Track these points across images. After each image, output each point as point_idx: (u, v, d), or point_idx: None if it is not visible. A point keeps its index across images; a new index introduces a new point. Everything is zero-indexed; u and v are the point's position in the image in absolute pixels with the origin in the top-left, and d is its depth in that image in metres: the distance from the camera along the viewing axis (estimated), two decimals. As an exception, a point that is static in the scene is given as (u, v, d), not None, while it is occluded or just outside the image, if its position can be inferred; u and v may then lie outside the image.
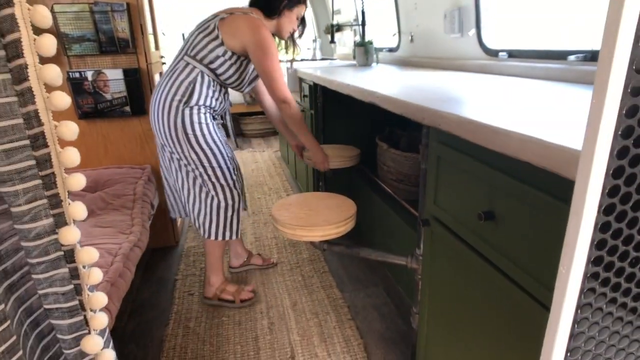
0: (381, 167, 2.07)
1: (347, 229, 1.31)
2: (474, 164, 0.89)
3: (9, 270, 0.48)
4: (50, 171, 0.41)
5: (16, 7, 0.35)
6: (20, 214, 0.42)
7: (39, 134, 0.40)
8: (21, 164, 0.40)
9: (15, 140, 0.39)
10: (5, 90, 0.38)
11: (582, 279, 0.50)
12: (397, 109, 1.18)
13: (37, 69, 0.38)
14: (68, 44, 1.93)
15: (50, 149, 0.41)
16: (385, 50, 2.94)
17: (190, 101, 1.65)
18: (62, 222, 0.43)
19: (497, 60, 1.83)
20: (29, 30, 0.37)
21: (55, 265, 0.45)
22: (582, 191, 0.46)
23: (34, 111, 0.39)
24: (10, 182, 0.41)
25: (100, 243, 1.55)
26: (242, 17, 1.67)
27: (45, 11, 0.37)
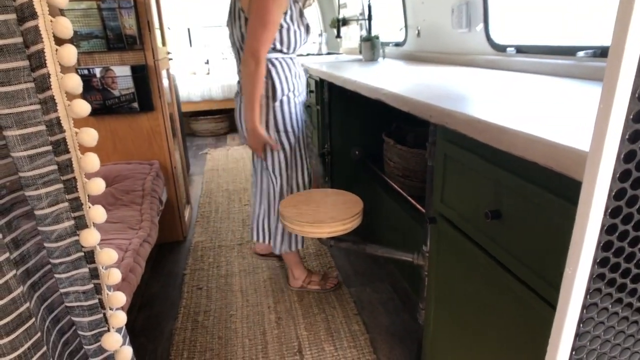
0: (388, 163, 2.07)
1: (353, 226, 1.32)
2: (480, 162, 0.89)
3: (32, 269, 0.50)
4: (71, 176, 0.43)
5: (40, 19, 0.37)
6: (43, 216, 0.44)
7: (61, 140, 0.41)
8: (44, 169, 0.42)
9: (39, 146, 0.41)
10: (30, 98, 0.40)
11: (588, 279, 0.51)
12: (404, 107, 1.19)
13: (59, 78, 0.39)
14: (76, 41, 1.94)
15: (72, 155, 0.42)
16: (391, 45, 2.93)
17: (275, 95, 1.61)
18: (83, 224, 0.45)
19: (505, 56, 1.82)
20: (51, 41, 0.38)
21: (76, 265, 0.46)
22: (588, 194, 0.47)
23: (56, 118, 0.40)
24: (33, 186, 0.42)
25: (111, 238, 1.58)
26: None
27: (67, 22, 0.39)
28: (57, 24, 0.38)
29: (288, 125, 1.68)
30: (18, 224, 0.49)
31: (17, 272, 0.46)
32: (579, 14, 1.76)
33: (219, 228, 2.58)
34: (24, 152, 0.41)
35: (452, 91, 1.24)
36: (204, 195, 3.14)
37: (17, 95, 0.39)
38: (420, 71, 1.91)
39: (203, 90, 4.88)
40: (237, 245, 2.36)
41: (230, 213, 2.79)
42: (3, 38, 0.37)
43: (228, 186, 3.30)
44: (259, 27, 1.50)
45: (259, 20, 1.49)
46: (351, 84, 1.68)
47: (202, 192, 3.21)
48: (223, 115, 5.06)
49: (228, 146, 4.56)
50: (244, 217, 2.72)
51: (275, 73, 1.62)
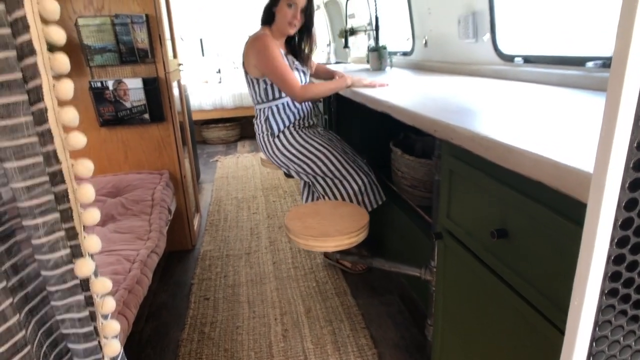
0: (395, 173, 2.06)
1: (359, 239, 1.31)
2: (486, 180, 0.88)
3: (30, 294, 0.50)
4: (67, 206, 0.43)
5: (38, 56, 0.37)
6: (40, 245, 0.44)
7: (57, 171, 0.42)
8: (41, 199, 0.42)
9: (36, 176, 0.41)
10: (28, 131, 0.40)
11: (597, 311, 0.49)
12: (409, 120, 1.18)
13: (56, 111, 0.40)
14: (90, 55, 1.98)
15: (68, 186, 0.43)
16: (399, 54, 2.93)
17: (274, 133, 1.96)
18: (79, 252, 0.45)
19: (513, 66, 1.80)
20: (49, 77, 0.39)
21: (72, 292, 0.47)
22: (593, 224, 0.46)
23: (53, 151, 0.41)
24: (30, 215, 0.43)
25: (119, 249, 1.59)
26: (246, 47, 1.92)
27: (64, 59, 0.39)
28: (55, 60, 0.39)
29: (293, 150, 1.93)
30: (19, 249, 0.50)
31: (15, 299, 0.47)
32: (587, 24, 1.74)
33: (228, 237, 2.59)
34: (22, 182, 0.41)
35: (458, 104, 1.23)
36: (213, 203, 3.16)
37: (17, 129, 0.40)
38: (427, 82, 1.90)
39: (214, 99, 4.93)
40: (244, 254, 2.37)
41: (239, 221, 2.80)
42: (4, 74, 0.38)
43: (237, 194, 3.32)
44: (280, 83, 1.84)
45: (276, 77, 1.84)
46: (358, 96, 1.68)
47: (211, 200, 3.23)
48: (234, 123, 5.11)
49: (238, 154, 4.59)
50: (252, 225, 2.73)
51: (272, 118, 1.96)
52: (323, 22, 4.71)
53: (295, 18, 1.85)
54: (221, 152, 4.73)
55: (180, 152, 2.31)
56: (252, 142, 5.07)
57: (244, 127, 5.32)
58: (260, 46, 1.85)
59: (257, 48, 1.86)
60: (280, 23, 1.88)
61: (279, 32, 1.93)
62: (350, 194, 1.88)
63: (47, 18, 0.38)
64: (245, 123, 5.31)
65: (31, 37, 0.37)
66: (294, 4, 1.83)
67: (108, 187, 2.10)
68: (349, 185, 1.87)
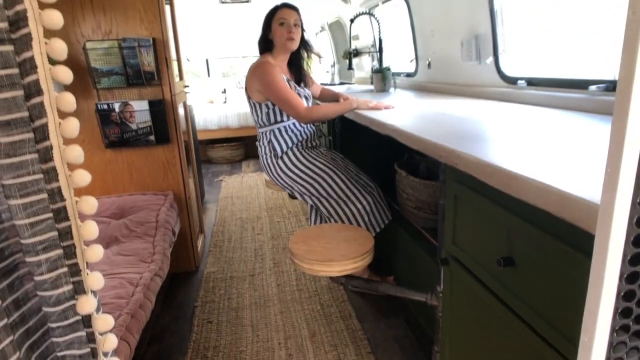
0: (400, 194, 2.05)
1: (365, 264, 1.30)
2: (491, 206, 0.88)
3: (32, 329, 0.50)
4: (70, 242, 0.43)
5: (45, 96, 0.38)
6: (42, 282, 0.44)
7: (62, 208, 0.42)
8: (44, 236, 0.42)
9: (40, 213, 0.41)
10: (33, 167, 0.41)
11: (608, 348, 0.48)
12: (414, 145, 1.18)
13: (61, 149, 0.40)
14: (97, 78, 2.02)
15: (71, 223, 0.43)
16: (403, 76, 2.95)
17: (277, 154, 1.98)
18: (81, 289, 0.45)
19: (516, 89, 1.81)
20: (55, 116, 0.39)
21: (74, 328, 0.46)
22: (601, 261, 0.45)
23: (57, 188, 0.41)
24: (33, 252, 0.43)
25: (122, 272, 1.58)
26: (248, 74, 1.96)
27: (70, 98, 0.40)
28: (62, 99, 0.39)
29: (296, 170, 1.94)
30: (21, 284, 0.50)
31: (16, 336, 0.46)
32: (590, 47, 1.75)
33: (231, 258, 2.57)
34: (25, 219, 0.41)
35: (462, 127, 1.23)
36: (217, 223, 3.15)
37: (22, 166, 0.40)
38: (431, 104, 1.91)
39: (220, 119, 4.98)
40: (248, 276, 2.35)
41: (243, 242, 2.79)
42: (11, 113, 0.39)
43: (242, 214, 3.31)
44: (285, 105, 1.87)
45: (280, 100, 1.87)
46: (362, 119, 1.69)
47: (216, 220, 3.23)
48: (238, 142, 5.14)
49: (243, 173, 4.60)
50: (256, 246, 2.71)
51: (275, 140, 1.98)
52: (327, 43, 4.78)
53: (291, 32, 1.90)
54: (226, 171, 4.75)
55: (185, 173, 2.32)
56: (257, 162, 5.09)
57: (249, 146, 5.35)
58: (262, 72, 1.89)
59: (259, 74, 1.90)
60: (280, 43, 1.93)
61: (282, 51, 1.97)
62: (355, 214, 1.87)
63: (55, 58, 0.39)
64: (250, 143, 5.35)
65: (39, 77, 0.38)
66: (284, 20, 1.90)
67: (112, 209, 2.10)
68: (354, 206, 1.87)
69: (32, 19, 0.35)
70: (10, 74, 0.38)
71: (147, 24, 2.03)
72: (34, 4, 0.35)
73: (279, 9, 1.93)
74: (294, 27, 1.90)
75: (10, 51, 0.38)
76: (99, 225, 1.87)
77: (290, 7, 1.93)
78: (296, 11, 1.94)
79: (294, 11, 1.93)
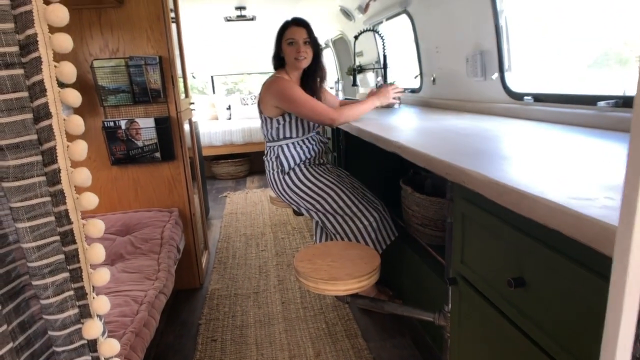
0: (406, 211, 2.04)
1: (370, 283, 1.28)
2: (501, 225, 0.86)
3: (37, 352, 0.49)
4: (77, 265, 0.43)
5: (53, 119, 0.38)
6: (48, 305, 0.43)
7: (69, 231, 0.41)
8: (51, 259, 0.42)
9: (47, 236, 0.41)
10: (41, 190, 0.40)
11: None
12: (420, 162, 1.18)
13: (69, 172, 0.40)
14: (104, 96, 2.04)
15: (78, 246, 0.42)
16: (407, 92, 2.97)
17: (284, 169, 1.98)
18: (87, 313, 0.44)
19: (523, 104, 1.81)
20: (63, 139, 0.39)
21: (79, 352, 0.45)
22: (620, 285, 0.44)
23: (65, 211, 0.41)
24: (39, 275, 0.42)
25: (127, 290, 1.57)
26: (263, 90, 1.96)
27: (79, 121, 0.40)
28: (70, 122, 0.39)
29: (302, 187, 1.93)
30: (27, 306, 0.49)
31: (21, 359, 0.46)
32: (598, 63, 1.75)
33: (236, 275, 2.55)
34: (32, 242, 0.41)
35: (468, 144, 1.22)
36: (222, 240, 3.14)
37: (29, 189, 0.40)
38: (436, 120, 1.91)
39: (224, 135, 5.01)
40: (253, 293, 2.32)
41: (247, 259, 2.77)
42: (20, 135, 0.38)
43: (246, 230, 3.30)
44: (311, 114, 1.86)
45: (305, 110, 1.86)
46: (367, 135, 1.69)
47: (220, 236, 3.22)
48: (243, 158, 5.16)
49: (247, 189, 4.60)
50: (261, 263, 2.69)
51: (283, 155, 1.98)
52: (331, 59, 4.83)
53: (299, 52, 1.89)
54: (230, 187, 4.76)
55: (190, 190, 2.32)
56: (261, 178, 5.09)
57: (253, 162, 5.37)
58: (278, 87, 1.89)
59: (275, 90, 1.90)
60: (290, 62, 1.94)
61: (293, 70, 1.97)
62: (362, 231, 1.86)
63: (65, 81, 0.39)
64: (255, 158, 5.37)
65: (48, 100, 0.38)
66: (293, 40, 1.89)
67: (118, 225, 2.10)
68: (360, 223, 1.85)
69: (42, 43, 0.35)
70: (20, 97, 0.38)
71: (153, 43, 2.06)
72: (44, 28, 0.35)
73: (287, 28, 1.91)
74: (303, 46, 1.89)
75: (21, 74, 0.38)
76: (105, 242, 1.86)
77: (299, 24, 1.91)
78: (305, 28, 1.90)
79: (303, 28, 1.90)
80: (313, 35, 1.93)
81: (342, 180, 1.94)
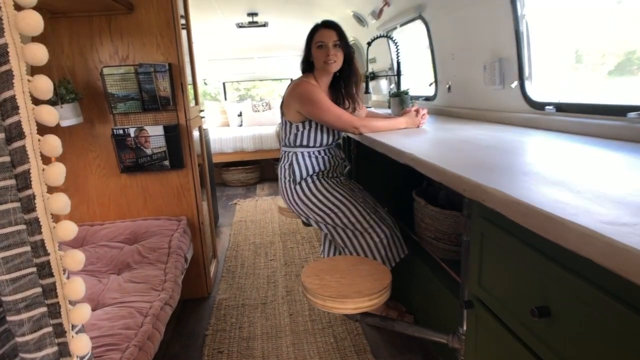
0: (419, 224, 1.98)
1: (381, 301, 1.22)
2: (524, 249, 0.80)
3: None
4: (55, 300, 0.39)
5: (27, 139, 0.34)
6: (24, 343, 0.39)
7: (45, 263, 0.37)
8: (27, 292, 0.38)
9: (23, 268, 0.37)
10: (15, 217, 0.36)
11: None
12: (435, 176, 1.12)
13: (45, 199, 0.36)
14: (114, 103, 2.02)
15: (56, 279, 0.38)
16: (421, 99, 2.91)
17: (295, 179, 1.90)
18: (67, 352, 0.40)
19: (544, 114, 1.74)
20: (38, 162, 0.35)
21: (58, 393, 0.41)
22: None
23: (41, 240, 0.37)
24: (14, 310, 0.38)
25: (132, 301, 1.54)
26: (287, 93, 1.90)
27: (55, 141, 0.36)
28: (45, 143, 0.35)
29: (313, 199, 1.87)
30: (7, 339, 0.45)
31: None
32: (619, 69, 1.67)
33: (244, 285, 2.51)
34: (6, 275, 0.37)
35: (487, 157, 1.16)
36: (230, 248, 3.10)
37: (3, 215, 0.36)
38: (452, 130, 1.85)
39: (235, 142, 5.00)
40: (260, 304, 2.27)
41: (256, 269, 2.72)
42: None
43: (255, 239, 3.26)
44: (335, 121, 1.81)
45: (329, 117, 1.80)
46: (380, 146, 1.64)
47: (229, 244, 3.18)
48: (254, 165, 5.14)
49: (257, 197, 4.57)
50: (269, 273, 2.65)
51: (296, 163, 1.91)
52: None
53: (328, 55, 1.81)
54: (240, 194, 4.73)
55: (199, 198, 2.29)
56: (272, 185, 5.06)
57: (264, 169, 5.34)
58: (301, 90, 1.83)
59: (298, 92, 1.84)
60: (319, 66, 1.87)
61: (322, 75, 1.90)
62: (371, 246, 1.80)
63: (39, 97, 0.35)
64: (265, 166, 5.34)
65: (20, 118, 0.34)
66: (323, 43, 1.82)
67: (126, 234, 2.08)
68: (370, 238, 1.79)
69: (13, 55, 0.31)
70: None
71: (163, 49, 2.04)
72: (15, 37, 0.31)
73: (317, 31, 1.85)
74: (333, 49, 1.81)
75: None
76: (112, 251, 1.83)
77: (329, 26, 1.84)
78: (335, 30, 1.83)
79: (333, 31, 1.83)
80: (344, 38, 1.85)
81: (354, 194, 1.88)
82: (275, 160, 5.19)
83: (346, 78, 1.95)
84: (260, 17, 4.15)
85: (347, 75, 1.94)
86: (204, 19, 3.96)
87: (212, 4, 3.57)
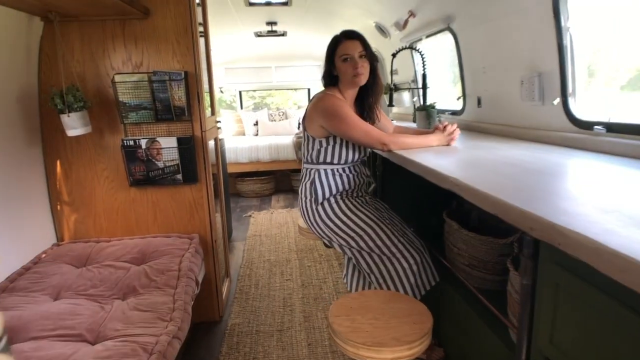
0: (450, 248, 1.81)
1: (422, 349, 1.06)
2: (617, 308, 0.64)
3: None
4: None
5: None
6: None
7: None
8: None
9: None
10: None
11: None
12: (489, 208, 0.96)
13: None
14: (125, 113, 1.91)
15: None
16: (448, 113, 2.75)
17: (317, 198, 1.76)
18: None
19: (591, 134, 1.57)
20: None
21: None
22: None
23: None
24: None
25: (136, 334, 1.39)
26: (310, 106, 1.76)
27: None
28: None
29: (337, 220, 1.73)
30: None
31: None
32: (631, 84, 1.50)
33: (258, 308, 2.35)
34: None
35: (544, 185, 1.00)
36: (244, 266, 2.96)
37: None
38: (488, 149, 1.69)
39: (251, 152, 4.88)
40: (276, 331, 2.12)
41: (271, 289, 2.57)
42: None
43: (270, 256, 3.11)
44: (363, 137, 1.66)
45: (356, 133, 1.65)
46: (414, 165, 1.48)
47: (242, 261, 3.04)
48: (269, 176, 5.01)
49: (272, 209, 4.43)
50: (285, 295, 2.49)
51: (319, 181, 1.77)
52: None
53: (356, 68, 1.66)
54: (255, 206, 4.59)
55: (213, 215, 2.15)
56: (287, 197, 4.92)
57: (279, 180, 5.21)
58: (325, 105, 1.69)
59: (323, 107, 1.69)
60: (346, 80, 1.71)
61: (348, 88, 1.76)
62: (400, 273, 1.63)
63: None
64: (281, 176, 5.21)
65: None
66: (348, 55, 1.66)
67: (134, 252, 1.95)
68: (399, 264, 1.63)
69: None
70: None
71: (179, 57, 1.92)
72: None
73: (340, 43, 1.69)
74: (360, 60, 1.67)
75: None
76: (118, 272, 1.68)
77: (352, 37, 1.69)
78: (360, 40, 1.68)
79: (357, 41, 1.68)
80: (368, 47, 1.70)
81: (381, 215, 1.72)
82: (291, 171, 5.06)
83: (372, 90, 1.80)
84: (279, 26, 4.05)
85: (372, 87, 1.79)
86: (222, 26, 3.87)
87: (231, 12, 3.47)
